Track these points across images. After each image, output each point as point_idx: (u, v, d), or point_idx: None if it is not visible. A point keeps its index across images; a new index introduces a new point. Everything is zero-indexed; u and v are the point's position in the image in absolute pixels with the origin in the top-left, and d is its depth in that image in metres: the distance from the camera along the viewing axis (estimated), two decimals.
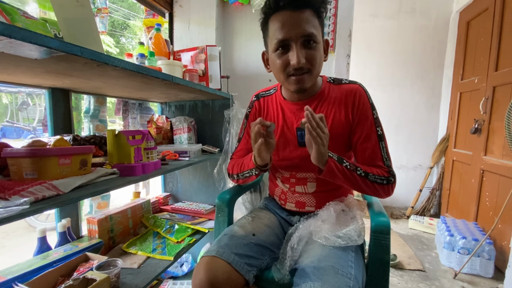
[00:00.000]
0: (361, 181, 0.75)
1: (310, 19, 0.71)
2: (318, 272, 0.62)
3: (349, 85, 0.82)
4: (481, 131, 2.05)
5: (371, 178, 0.75)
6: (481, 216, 2.02)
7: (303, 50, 0.72)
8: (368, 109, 0.79)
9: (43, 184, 0.62)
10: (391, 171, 0.78)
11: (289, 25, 0.70)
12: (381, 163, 0.79)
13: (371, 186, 0.76)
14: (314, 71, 0.75)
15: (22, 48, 0.50)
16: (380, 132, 0.80)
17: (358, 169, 0.75)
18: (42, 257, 0.86)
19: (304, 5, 0.70)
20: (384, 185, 0.77)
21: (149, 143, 0.95)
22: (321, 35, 0.75)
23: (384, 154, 0.79)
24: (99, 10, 1.83)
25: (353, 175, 0.75)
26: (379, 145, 0.79)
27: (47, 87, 0.98)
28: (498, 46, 1.92)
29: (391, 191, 0.79)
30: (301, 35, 0.70)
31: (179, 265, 1.55)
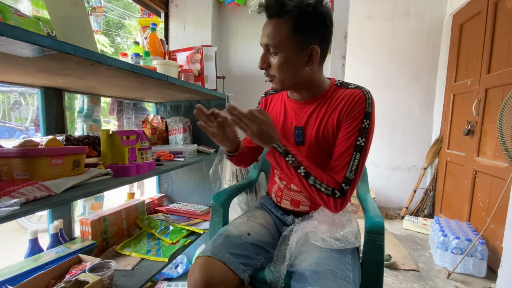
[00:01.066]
0: (298, 180, 0.72)
1: (278, 30, 0.70)
2: (317, 276, 0.62)
3: (353, 90, 0.78)
4: (474, 133, 2.08)
5: (311, 181, 0.70)
6: (474, 217, 2.04)
7: (266, 56, 0.76)
8: (358, 116, 0.74)
9: (35, 185, 0.61)
10: (344, 185, 0.70)
11: (263, 31, 0.75)
12: (342, 172, 0.71)
13: (308, 188, 0.71)
14: (278, 77, 0.76)
15: (14, 46, 0.49)
16: (362, 143, 0.72)
17: (300, 168, 0.71)
18: (33, 259, 0.84)
19: (275, 14, 0.71)
20: (324, 195, 0.70)
21: (143, 144, 0.94)
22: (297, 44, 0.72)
23: (352, 165, 0.71)
24: (94, 9, 1.81)
25: (290, 171, 0.72)
26: (351, 154, 0.72)
27: (39, 86, 0.96)
28: (491, 49, 1.95)
29: (332, 205, 0.70)
30: (263, 43, 0.75)
31: (174, 267, 1.54)
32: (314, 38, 0.72)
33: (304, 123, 0.83)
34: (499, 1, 1.89)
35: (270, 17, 0.72)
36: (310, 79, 0.79)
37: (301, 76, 0.77)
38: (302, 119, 0.83)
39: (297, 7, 0.68)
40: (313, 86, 0.81)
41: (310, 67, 0.75)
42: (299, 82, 0.79)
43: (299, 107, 0.85)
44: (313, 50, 0.73)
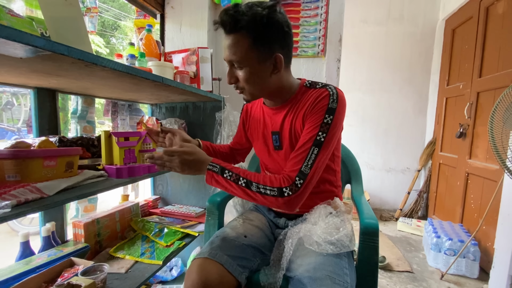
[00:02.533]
0: (242, 191, 0.69)
1: (238, 45, 0.70)
2: (315, 283, 0.61)
3: (319, 89, 0.77)
4: (466, 135, 2.11)
5: (253, 188, 0.68)
6: (467, 218, 2.07)
7: (232, 71, 0.76)
8: (320, 111, 0.72)
9: (26, 187, 0.60)
10: (298, 179, 0.67)
11: (224, 48, 0.75)
12: (297, 166, 0.69)
13: (253, 196, 0.69)
14: (247, 89, 0.77)
15: (7, 46, 0.49)
16: (321, 138, 0.70)
17: (240, 179, 0.69)
18: (24, 262, 0.83)
19: (231, 30, 0.70)
20: (271, 197, 0.67)
21: (145, 146, 0.93)
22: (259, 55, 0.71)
23: (309, 160, 0.68)
24: (88, 10, 1.80)
25: (231, 186, 0.70)
26: (309, 149, 0.69)
27: (32, 87, 0.95)
28: (482, 54, 1.99)
29: (282, 205, 0.67)
30: (226, 60, 0.75)
31: (168, 270, 1.52)
32: (275, 47, 0.72)
33: (279, 128, 0.83)
34: (491, 7, 1.93)
35: (227, 33, 0.71)
36: (279, 85, 0.79)
37: (269, 84, 0.77)
38: (277, 124, 0.84)
39: (252, 21, 0.67)
40: (283, 91, 0.81)
41: (276, 75, 0.76)
42: (269, 91, 0.79)
43: (273, 112, 0.86)
44: (277, 58, 0.72)
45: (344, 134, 3.06)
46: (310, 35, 1.52)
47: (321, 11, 1.50)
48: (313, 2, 1.50)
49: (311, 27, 1.51)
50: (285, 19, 0.71)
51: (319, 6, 1.50)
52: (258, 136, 0.92)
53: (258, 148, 0.93)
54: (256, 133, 0.92)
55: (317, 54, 1.52)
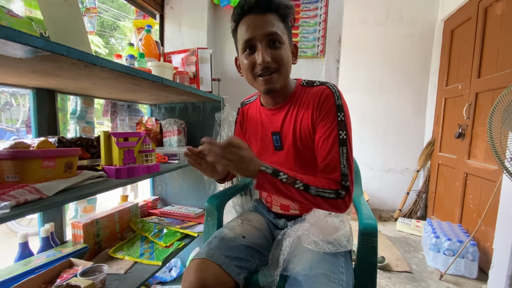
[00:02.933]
0: (299, 195, 0.67)
1: (274, 22, 0.72)
2: (310, 280, 0.62)
3: (318, 87, 0.79)
4: (465, 136, 2.12)
5: (312, 191, 0.66)
6: (465, 218, 2.08)
7: (268, 50, 0.73)
8: (331, 111, 0.74)
9: (26, 188, 0.60)
10: (344, 182, 0.68)
11: (254, 26, 0.72)
12: (336, 169, 0.70)
13: (313, 200, 0.67)
14: (282, 70, 0.75)
15: (6, 47, 0.49)
16: (344, 136, 0.72)
17: (296, 182, 0.67)
18: (23, 263, 0.83)
19: (266, 9, 0.72)
20: (331, 199, 0.67)
21: (145, 146, 0.93)
22: (288, 38, 0.76)
23: (343, 160, 0.70)
24: (88, 10, 1.80)
25: (288, 190, 0.67)
26: (338, 149, 0.71)
27: (31, 87, 0.95)
28: (481, 54, 2.00)
29: (343, 206, 0.68)
30: (265, 34, 0.72)
31: (168, 270, 1.52)
32: (291, 37, 0.78)
33: (279, 128, 0.83)
34: (489, 8, 1.94)
35: (262, 12, 0.72)
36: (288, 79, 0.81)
37: (290, 73, 0.80)
38: (277, 124, 0.84)
39: (285, 5, 0.73)
40: (285, 88, 0.82)
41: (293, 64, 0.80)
42: (287, 79, 0.80)
43: (272, 113, 0.86)
44: (295, 47, 0.77)
45: None
46: (309, 36, 1.52)
47: (320, 12, 1.50)
48: (313, 3, 1.51)
49: (311, 28, 1.52)
50: None
51: (318, 7, 1.50)
52: (256, 137, 0.92)
53: (257, 150, 0.93)
54: (255, 134, 0.92)
55: (316, 55, 1.52)
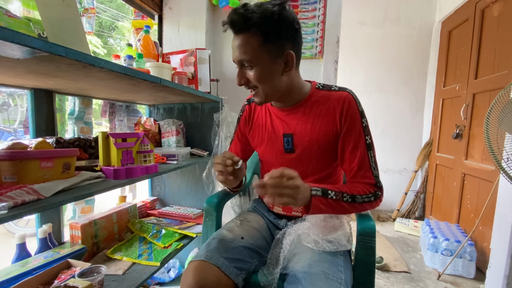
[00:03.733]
0: (349, 206, 0.72)
1: (249, 42, 0.69)
2: (309, 277, 0.62)
3: (339, 92, 0.79)
4: (462, 136, 2.13)
5: (358, 200, 0.73)
6: (463, 218, 2.09)
7: (242, 72, 0.75)
8: (357, 118, 0.77)
9: (23, 188, 0.60)
10: (378, 183, 0.76)
11: (233, 48, 0.74)
12: (369, 173, 0.76)
13: (359, 208, 0.74)
14: (261, 87, 0.75)
15: (4, 47, 0.49)
16: (369, 141, 0.78)
17: (344, 196, 0.71)
18: (21, 264, 0.82)
19: (241, 29, 0.69)
20: (373, 202, 0.74)
21: (143, 146, 0.93)
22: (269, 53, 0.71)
23: (373, 163, 0.77)
24: (86, 10, 1.79)
25: (340, 205, 0.71)
26: (367, 154, 0.77)
27: (29, 88, 0.95)
28: (478, 55, 2.01)
29: (379, 203, 0.76)
30: (237, 59, 0.74)
31: (166, 271, 1.52)
32: (286, 44, 0.72)
33: (292, 130, 0.83)
34: (486, 9, 1.95)
35: (237, 32, 0.71)
36: (291, 85, 0.79)
37: (281, 83, 0.76)
38: (290, 126, 0.83)
39: (262, 17, 0.67)
40: (294, 92, 0.81)
41: (288, 73, 0.75)
42: (281, 90, 0.78)
43: (284, 114, 0.85)
44: (288, 55, 0.72)
45: None
46: (307, 37, 1.52)
47: (318, 13, 1.50)
48: (311, 4, 1.51)
49: (309, 29, 1.52)
50: (294, 17, 0.72)
51: (316, 8, 1.50)
52: (263, 138, 0.90)
53: (263, 151, 0.91)
54: (261, 135, 0.90)
55: (314, 56, 1.53)
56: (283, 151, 0.85)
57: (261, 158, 0.95)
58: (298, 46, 0.75)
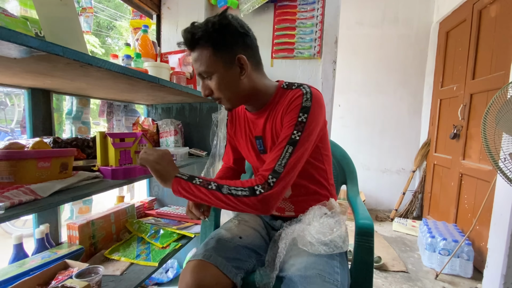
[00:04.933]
0: (213, 196, 0.66)
1: (202, 56, 0.73)
2: (305, 281, 0.62)
3: (294, 90, 0.77)
4: (460, 137, 2.14)
5: (224, 190, 0.66)
6: (460, 218, 2.10)
7: (204, 83, 0.78)
8: (294, 111, 0.72)
9: (20, 188, 0.59)
10: (271, 177, 0.66)
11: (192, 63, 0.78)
12: (270, 166, 0.68)
13: (226, 200, 0.66)
14: (223, 95, 0.77)
15: (1, 46, 0.48)
16: (296, 137, 0.69)
17: (210, 184, 0.68)
18: (18, 265, 0.82)
19: (193, 45, 0.73)
20: (244, 198, 0.65)
21: (141, 146, 0.93)
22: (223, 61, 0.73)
23: (282, 159, 0.68)
24: (84, 10, 1.79)
25: (202, 192, 0.67)
26: (283, 148, 0.69)
27: (26, 87, 0.94)
28: (475, 56, 2.02)
29: (258, 206, 0.65)
30: (197, 73, 0.77)
31: (164, 271, 1.51)
32: (236, 49, 0.73)
33: (261, 132, 0.84)
34: (483, 10, 1.96)
35: (190, 49, 0.75)
36: (253, 87, 0.78)
37: (242, 88, 0.77)
38: (260, 128, 0.84)
39: (204, 31, 0.70)
40: (259, 94, 0.81)
41: (246, 76, 0.76)
42: (244, 94, 0.78)
43: (255, 117, 0.86)
44: (240, 59, 0.73)
45: (339, 135, 3.07)
46: (306, 37, 1.52)
47: (317, 13, 1.50)
48: (309, 4, 1.51)
49: (307, 29, 1.52)
50: (237, 21, 0.73)
51: (315, 8, 1.50)
52: (243, 140, 0.92)
53: (245, 153, 0.93)
54: (242, 137, 0.92)
55: (313, 56, 1.53)
56: (258, 153, 0.87)
57: (246, 159, 0.97)
58: (250, 49, 0.76)
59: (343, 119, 3.04)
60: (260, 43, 0.81)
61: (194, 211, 0.80)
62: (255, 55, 0.78)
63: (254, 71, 0.78)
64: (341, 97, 2.98)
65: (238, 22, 0.73)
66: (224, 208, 0.70)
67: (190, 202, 0.81)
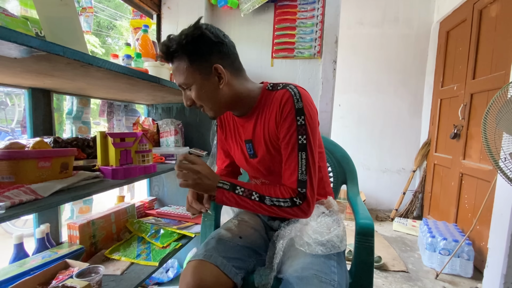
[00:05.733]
0: (257, 206, 0.70)
1: (179, 68, 0.73)
2: (301, 282, 0.62)
3: (280, 91, 0.76)
4: (460, 136, 2.14)
5: (268, 202, 0.70)
6: (461, 218, 2.10)
7: (186, 94, 0.78)
8: (290, 115, 0.72)
9: (21, 188, 0.59)
10: (300, 189, 0.69)
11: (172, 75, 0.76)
12: (293, 177, 0.71)
13: (269, 210, 0.70)
14: (206, 104, 0.77)
15: (1, 46, 0.48)
16: (303, 141, 0.71)
17: (252, 194, 0.71)
18: (18, 264, 0.82)
19: (170, 58, 0.74)
20: (287, 208, 0.69)
21: (141, 146, 0.93)
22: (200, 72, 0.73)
23: (301, 167, 0.70)
24: (84, 9, 1.79)
25: (246, 202, 0.71)
26: (297, 156, 0.71)
27: (27, 87, 0.94)
28: (476, 55, 2.02)
29: (301, 214, 0.70)
30: (178, 84, 0.77)
31: (165, 271, 1.52)
32: (212, 58, 0.72)
33: (251, 136, 0.83)
34: (484, 9, 1.96)
35: (168, 61, 0.75)
36: (235, 94, 0.78)
37: (222, 96, 0.76)
38: (249, 132, 0.83)
39: (178, 43, 0.71)
40: (243, 99, 0.80)
41: (225, 85, 0.75)
42: (225, 102, 0.78)
43: (244, 121, 0.85)
44: (217, 69, 0.73)
45: (339, 135, 3.06)
46: (306, 37, 1.52)
47: (317, 13, 1.50)
48: (309, 4, 1.51)
49: (308, 29, 1.52)
50: (212, 31, 0.72)
51: (315, 8, 1.50)
52: (234, 144, 0.91)
53: (236, 157, 0.93)
54: (232, 142, 0.92)
55: (313, 56, 1.53)
56: (249, 157, 0.86)
57: (237, 163, 0.97)
58: (227, 57, 0.75)
59: (343, 119, 3.04)
60: (260, 43, 0.81)
61: (195, 205, 0.79)
62: (234, 62, 0.77)
63: (234, 78, 0.77)
64: (341, 97, 2.98)
65: (212, 32, 0.72)
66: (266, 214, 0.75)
67: (189, 197, 0.81)
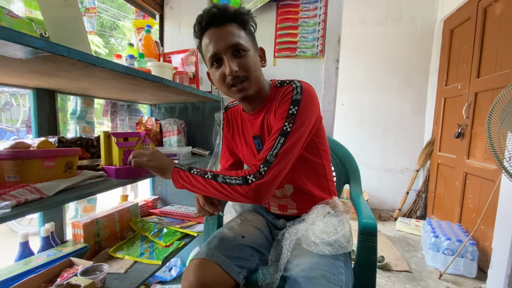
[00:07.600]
0: (209, 185, 0.69)
1: (234, 32, 0.73)
2: (310, 282, 0.62)
3: (286, 87, 0.77)
4: (464, 136, 2.12)
5: (219, 179, 0.68)
6: (465, 218, 2.08)
7: (234, 60, 0.73)
8: (285, 104, 0.73)
9: (26, 187, 0.60)
10: (261, 167, 0.67)
11: (216, 40, 0.73)
12: (262, 156, 0.69)
13: (221, 189, 0.68)
14: (252, 76, 0.74)
15: (6, 48, 0.49)
16: (288, 128, 0.70)
17: (207, 173, 0.70)
18: (24, 262, 0.83)
19: (224, 21, 0.72)
20: (237, 186, 0.66)
21: (144, 146, 0.94)
22: (252, 44, 0.76)
23: (274, 149, 0.68)
24: (87, 10, 1.80)
25: (198, 181, 0.70)
26: (275, 139, 0.69)
27: (31, 88, 0.95)
28: (480, 54, 2.00)
29: (250, 193, 0.65)
30: (228, 46, 0.72)
31: (168, 270, 1.52)
32: (255, 41, 0.79)
33: (259, 131, 0.84)
34: (488, 7, 1.94)
35: (219, 25, 0.72)
36: (262, 82, 0.80)
37: (261, 77, 0.80)
38: (257, 128, 0.84)
39: (240, 14, 0.73)
40: (261, 91, 0.81)
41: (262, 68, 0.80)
42: (260, 83, 0.79)
43: (252, 117, 0.85)
44: (262, 50, 0.79)
45: (342, 134, 3.05)
46: (308, 36, 1.52)
47: (319, 12, 1.50)
48: (312, 3, 1.50)
49: (310, 28, 1.52)
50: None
51: (317, 7, 1.50)
52: (241, 142, 0.92)
53: (244, 154, 0.93)
54: (239, 139, 0.92)
55: (315, 55, 1.52)
56: (258, 153, 0.86)
57: (243, 160, 0.97)
58: None
59: (346, 118, 3.03)
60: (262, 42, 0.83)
61: (207, 207, 0.78)
62: None
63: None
64: (344, 96, 2.97)
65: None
66: (219, 198, 0.72)
67: (201, 199, 0.80)
